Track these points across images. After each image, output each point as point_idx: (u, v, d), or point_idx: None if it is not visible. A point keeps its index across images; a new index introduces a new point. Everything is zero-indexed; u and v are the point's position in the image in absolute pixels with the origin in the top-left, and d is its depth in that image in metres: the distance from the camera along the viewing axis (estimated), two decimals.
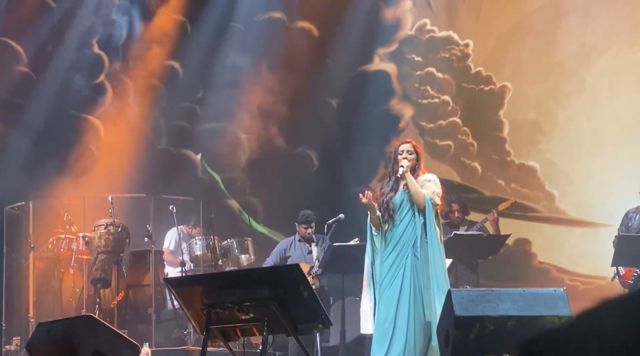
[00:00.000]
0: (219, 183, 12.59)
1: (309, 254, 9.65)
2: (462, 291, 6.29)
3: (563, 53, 11.60)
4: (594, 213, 11.26)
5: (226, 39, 12.51)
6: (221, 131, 12.54)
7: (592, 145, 11.38)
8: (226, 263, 10.51)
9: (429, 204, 6.78)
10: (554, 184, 11.58)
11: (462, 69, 12.11)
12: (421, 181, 6.94)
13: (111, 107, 12.36)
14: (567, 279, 11.27)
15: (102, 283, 9.85)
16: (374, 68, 12.55)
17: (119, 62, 12.49)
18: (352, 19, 12.36)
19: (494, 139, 11.94)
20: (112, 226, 9.93)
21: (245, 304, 5.26)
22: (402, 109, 12.45)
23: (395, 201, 6.93)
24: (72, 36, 12.24)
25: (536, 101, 11.77)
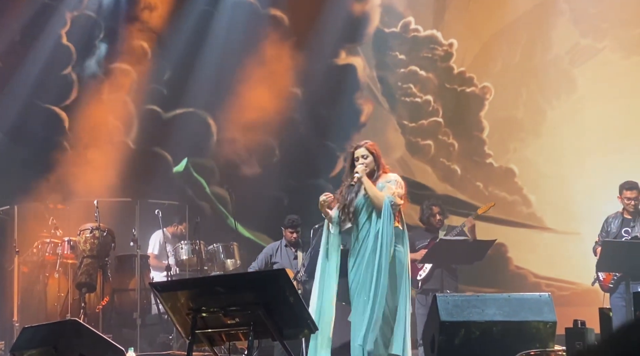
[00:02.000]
0: (205, 188, 12.58)
1: (294, 259, 9.65)
2: (447, 297, 6.30)
3: (547, 58, 11.63)
4: (571, 218, 11.29)
5: (199, 22, 12.49)
6: (191, 115, 12.52)
7: (574, 150, 11.41)
8: (212, 267, 10.50)
9: (387, 207, 6.71)
10: (532, 188, 11.61)
11: (445, 69, 12.13)
12: (382, 182, 6.87)
13: (84, 102, 12.33)
14: (543, 284, 11.31)
15: (87, 287, 9.81)
16: (342, 61, 12.56)
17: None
18: (324, 10, 12.36)
19: (474, 141, 11.97)
20: (97, 230, 9.90)
21: (231, 309, 5.25)
22: (365, 104, 12.48)
23: (356, 204, 6.88)
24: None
25: (518, 104, 11.79)
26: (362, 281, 6.77)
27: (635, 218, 8.87)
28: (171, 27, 12.54)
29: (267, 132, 12.42)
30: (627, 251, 8.47)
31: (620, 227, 8.86)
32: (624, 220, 8.90)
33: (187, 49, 12.49)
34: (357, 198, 6.89)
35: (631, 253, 8.42)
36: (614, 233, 8.85)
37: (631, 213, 8.89)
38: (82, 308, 9.67)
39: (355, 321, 6.80)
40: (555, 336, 6.13)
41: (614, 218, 8.97)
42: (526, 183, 11.64)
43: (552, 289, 10.96)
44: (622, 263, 8.46)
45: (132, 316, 10.03)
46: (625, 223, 8.89)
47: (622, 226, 8.87)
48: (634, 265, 8.45)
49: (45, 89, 12.21)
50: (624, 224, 8.88)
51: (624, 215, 8.93)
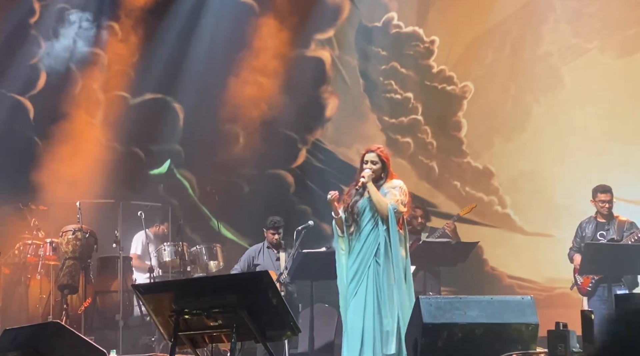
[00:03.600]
0: (187, 188, 12.56)
1: (277, 261, 9.64)
2: (430, 299, 6.31)
3: (537, 53, 11.59)
4: (547, 220, 11.31)
5: (166, 8, 12.48)
6: (157, 101, 12.50)
7: (555, 151, 11.41)
8: (195, 269, 10.48)
9: (392, 213, 6.80)
10: (508, 189, 11.61)
11: (426, 67, 12.13)
12: (387, 187, 6.96)
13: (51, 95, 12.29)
14: (517, 286, 11.32)
15: (69, 289, 9.77)
16: (310, 53, 12.57)
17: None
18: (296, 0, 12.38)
19: (452, 140, 11.98)
20: (79, 231, 9.85)
21: (214, 310, 5.24)
22: (330, 98, 12.50)
23: (359, 205, 6.96)
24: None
25: (506, 98, 11.76)
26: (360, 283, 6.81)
27: (609, 221, 8.90)
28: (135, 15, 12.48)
29: (231, 119, 12.42)
30: (609, 253, 8.50)
31: (595, 231, 8.89)
32: (598, 224, 8.93)
33: (154, 35, 12.42)
34: (361, 199, 6.95)
35: (613, 255, 8.45)
36: (589, 238, 8.88)
37: (605, 216, 8.91)
38: (64, 309, 9.63)
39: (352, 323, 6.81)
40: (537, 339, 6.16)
41: (588, 223, 9.00)
42: (503, 183, 11.65)
43: (526, 291, 10.98)
44: (604, 266, 8.49)
45: (115, 318, 9.99)
46: (599, 226, 8.91)
47: (596, 230, 8.90)
48: (615, 267, 8.48)
49: (10, 79, 12.12)
50: (598, 228, 8.91)
51: (598, 219, 8.95)
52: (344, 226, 7.02)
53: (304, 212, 12.24)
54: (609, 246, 8.59)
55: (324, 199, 12.07)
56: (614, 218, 8.89)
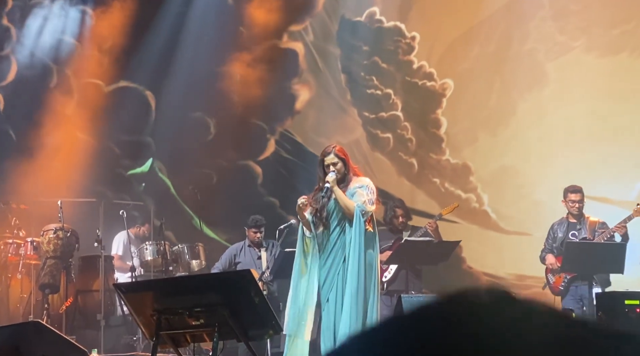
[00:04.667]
0: (170, 188, 12.53)
1: (258, 259, 9.64)
2: (412, 298, 6.33)
3: (524, 48, 11.56)
4: (524, 219, 11.34)
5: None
6: (131, 90, 12.46)
7: (535, 149, 11.40)
8: (177, 268, 10.46)
9: (358, 215, 6.75)
10: (487, 187, 11.63)
11: (406, 63, 12.13)
12: (354, 187, 6.88)
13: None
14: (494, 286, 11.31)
15: (50, 288, 9.73)
16: (284, 45, 12.57)
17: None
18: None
19: (431, 137, 11.99)
20: (61, 230, 9.81)
21: (196, 310, 5.24)
22: (301, 89, 12.51)
23: (328, 208, 6.90)
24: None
25: (490, 92, 11.73)
26: (332, 285, 6.80)
27: (580, 221, 8.95)
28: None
29: (203, 108, 12.41)
30: (589, 252, 8.54)
31: (567, 232, 8.94)
32: (569, 224, 8.97)
33: (133, 22, 12.37)
34: (328, 202, 6.92)
35: (593, 254, 8.48)
36: (561, 238, 8.92)
37: (575, 216, 8.95)
38: (45, 309, 9.59)
39: (326, 324, 6.81)
40: None
41: (559, 224, 9.05)
42: (482, 181, 11.66)
43: None
44: (585, 264, 8.52)
45: (96, 317, 9.95)
46: (571, 227, 8.96)
47: (568, 230, 8.95)
48: (595, 266, 8.52)
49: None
50: (570, 228, 8.96)
51: (569, 220, 9.00)
52: (312, 227, 6.96)
53: (271, 204, 12.27)
54: (589, 245, 8.64)
55: (291, 192, 12.20)
56: (585, 218, 8.95)
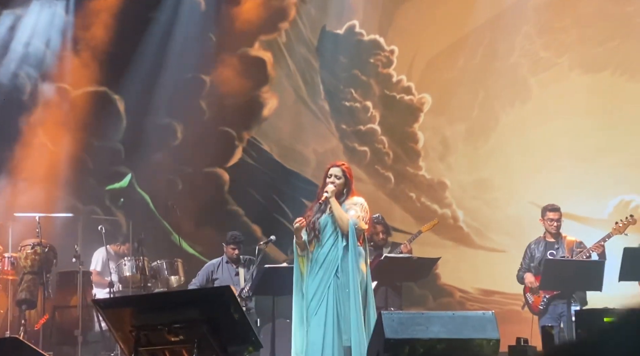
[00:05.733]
0: (149, 203, 12.48)
1: (236, 276, 9.62)
2: (392, 314, 6.33)
3: (499, 68, 11.60)
4: (496, 235, 11.36)
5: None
6: (98, 94, 12.40)
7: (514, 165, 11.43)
8: (155, 284, 10.40)
9: (352, 229, 6.85)
10: (462, 202, 11.64)
11: (385, 76, 12.16)
12: (348, 204, 7.00)
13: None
14: (468, 303, 11.32)
15: (27, 304, 9.66)
16: (254, 53, 12.58)
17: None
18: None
19: (408, 151, 12.00)
20: (39, 246, 9.75)
21: (175, 326, 5.20)
22: (269, 98, 12.52)
23: (321, 222, 6.99)
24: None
25: (473, 105, 11.74)
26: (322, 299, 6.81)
27: (557, 241, 8.97)
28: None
29: (170, 115, 12.39)
30: (569, 269, 8.54)
31: (545, 251, 8.94)
32: (547, 244, 8.97)
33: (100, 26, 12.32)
34: (322, 216, 6.96)
35: (573, 272, 8.49)
36: (538, 258, 8.92)
37: (553, 235, 8.97)
38: (22, 325, 9.52)
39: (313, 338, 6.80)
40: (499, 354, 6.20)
41: (536, 244, 9.05)
42: (457, 196, 11.68)
43: (475, 308, 10.98)
44: (564, 282, 8.52)
45: (74, 333, 9.88)
46: (549, 246, 8.97)
47: (546, 249, 8.95)
48: (575, 283, 8.53)
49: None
50: (547, 247, 8.96)
51: (547, 239, 9.01)
52: (307, 246, 7.01)
53: (235, 213, 12.26)
54: (567, 262, 8.65)
55: (256, 200, 12.19)
56: (562, 238, 8.96)
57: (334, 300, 6.81)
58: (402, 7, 12.21)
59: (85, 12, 12.29)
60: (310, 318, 6.87)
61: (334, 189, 6.97)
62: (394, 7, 12.23)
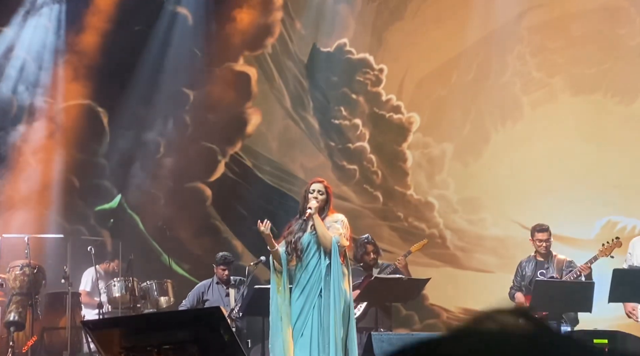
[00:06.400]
0: (138, 224, 12.46)
1: (226, 296, 9.60)
2: (382, 335, 6.32)
3: (492, 86, 11.65)
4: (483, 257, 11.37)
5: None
6: (83, 107, 12.39)
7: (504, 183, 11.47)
8: (145, 305, 10.36)
9: (335, 247, 6.80)
10: (449, 223, 11.65)
11: (374, 94, 12.19)
12: (329, 221, 6.95)
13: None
14: (455, 325, 11.27)
15: (15, 325, 9.61)
16: (238, 68, 12.61)
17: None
18: (229, 14, 12.41)
19: (397, 171, 12.02)
20: (27, 267, 9.71)
21: (165, 347, 5.18)
22: (253, 114, 12.54)
23: (303, 241, 6.93)
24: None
25: (465, 122, 11.76)
26: (307, 319, 6.78)
27: (548, 260, 8.98)
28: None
29: (154, 129, 12.38)
30: (559, 290, 8.54)
31: (535, 270, 8.95)
32: (537, 263, 8.99)
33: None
34: (304, 234, 6.93)
35: (563, 293, 8.49)
36: (529, 277, 8.93)
37: (543, 255, 8.99)
38: (10, 346, 9.46)
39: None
40: None
41: (527, 262, 9.07)
42: (445, 216, 11.69)
43: None
44: (554, 303, 8.52)
45: (62, 354, 9.83)
46: (539, 265, 8.98)
47: (536, 269, 8.96)
48: (565, 304, 8.53)
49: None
50: (538, 267, 8.97)
51: (537, 258, 9.03)
52: (283, 259, 6.95)
53: (216, 228, 12.26)
54: (558, 284, 8.65)
55: (238, 215, 12.20)
56: (553, 257, 8.99)
57: (318, 320, 6.77)
58: (392, 26, 12.26)
59: (73, 25, 12.28)
60: (295, 339, 6.83)
61: (317, 205, 6.93)
62: (384, 26, 12.28)
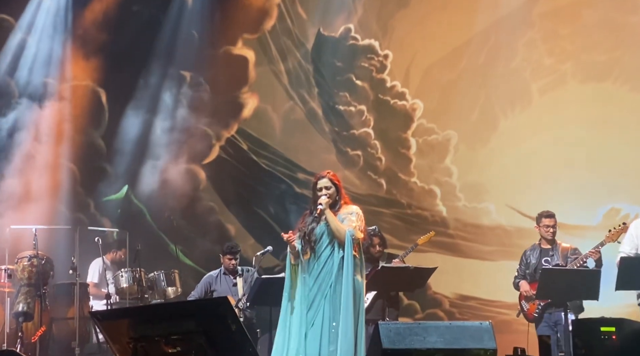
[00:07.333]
0: (145, 214, 12.48)
1: (233, 286, 9.62)
2: (389, 324, 6.33)
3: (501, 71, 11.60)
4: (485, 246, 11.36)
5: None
6: (85, 87, 12.41)
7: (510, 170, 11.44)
8: (152, 295, 10.40)
9: (349, 240, 6.80)
10: (451, 211, 11.64)
11: (379, 81, 12.16)
12: (343, 213, 6.95)
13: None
14: (457, 313, 11.30)
15: (24, 316, 9.65)
16: (236, 51, 12.58)
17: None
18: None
19: (400, 157, 12.00)
20: (35, 258, 9.75)
21: (172, 337, 5.21)
22: (249, 98, 12.53)
23: (317, 232, 6.94)
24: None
25: (474, 107, 11.73)
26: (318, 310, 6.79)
27: (553, 247, 8.98)
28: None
29: (146, 108, 12.38)
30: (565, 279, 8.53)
31: (540, 258, 8.96)
32: (542, 251, 9.00)
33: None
34: (318, 226, 6.94)
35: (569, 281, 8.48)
36: (534, 265, 8.94)
37: (548, 242, 8.99)
38: (19, 337, 9.51)
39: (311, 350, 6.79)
40: None
41: (532, 250, 9.08)
42: (447, 205, 11.68)
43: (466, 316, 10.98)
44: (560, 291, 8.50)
45: (71, 345, 9.88)
46: (544, 253, 8.98)
47: (541, 256, 8.96)
48: (571, 293, 8.52)
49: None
50: (542, 254, 8.98)
51: (542, 246, 9.02)
52: (300, 255, 6.99)
53: (210, 209, 12.27)
54: (564, 272, 8.64)
55: (232, 197, 12.22)
56: (557, 245, 8.98)
57: (330, 312, 6.78)
58: (398, 13, 12.22)
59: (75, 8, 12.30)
60: (307, 330, 6.85)
61: (328, 200, 6.94)
62: (390, 13, 12.25)
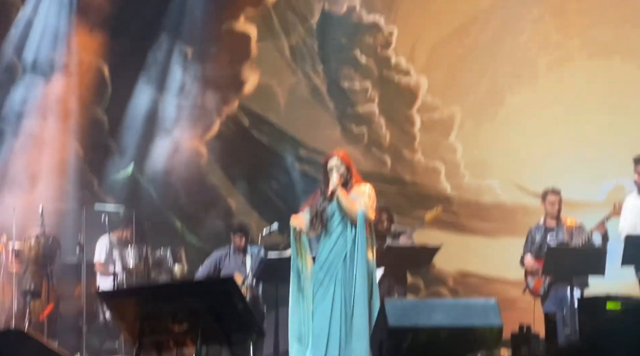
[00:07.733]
0: (152, 193, 12.49)
1: (242, 265, 9.63)
2: (395, 301, 6.35)
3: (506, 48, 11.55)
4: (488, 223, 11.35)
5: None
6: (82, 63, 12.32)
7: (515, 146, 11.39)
8: (159, 273, 10.43)
9: (361, 219, 6.81)
10: (455, 188, 11.61)
11: (384, 57, 12.10)
12: (355, 192, 6.96)
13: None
14: (461, 291, 11.31)
15: (32, 294, 9.69)
16: (239, 27, 12.52)
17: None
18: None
19: (404, 134, 11.97)
20: (42, 236, 9.77)
21: (179, 316, 5.23)
22: (250, 75, 12.47)
23: (328, 210, 6.95)
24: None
25: (481, 82, 11.68)
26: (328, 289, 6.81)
27: (558, 224, 8.99)
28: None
29: (150, 83, 12.34)
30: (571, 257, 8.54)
31: (545, 234, 8.98)
32: (547, 229, 9.01)
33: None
34: (330, 205, 6.94)
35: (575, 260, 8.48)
36: (539, 242, 8.96)
37: (554, 218, 8.99)
38: (27, 315, 9.55)
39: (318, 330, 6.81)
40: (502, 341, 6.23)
41: (537, 228, 9.09)
42: (451, 182, 11.66)
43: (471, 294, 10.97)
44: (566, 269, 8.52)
45: (78, 323, 9.93)
46: (548, 229, 9.00)
47: (546, 233, 8.98)
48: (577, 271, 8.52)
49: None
50: (547, 231, 8.99)
51: (547, 224, 9.04)
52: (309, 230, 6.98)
53: (213, 186, 12.28)
54: (569, 250, 8.63)
55: (234, 172, 12.24)
56: (562, 221, 8.98)
57: (341, 290, 6.78)
58: None
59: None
60: (316, 306, 6.86)
61: (338, 182, 6.93)
62: None
